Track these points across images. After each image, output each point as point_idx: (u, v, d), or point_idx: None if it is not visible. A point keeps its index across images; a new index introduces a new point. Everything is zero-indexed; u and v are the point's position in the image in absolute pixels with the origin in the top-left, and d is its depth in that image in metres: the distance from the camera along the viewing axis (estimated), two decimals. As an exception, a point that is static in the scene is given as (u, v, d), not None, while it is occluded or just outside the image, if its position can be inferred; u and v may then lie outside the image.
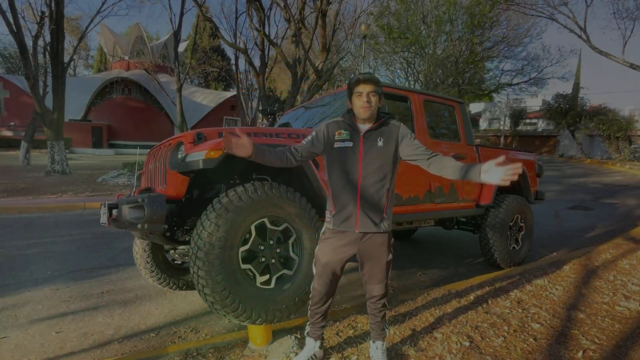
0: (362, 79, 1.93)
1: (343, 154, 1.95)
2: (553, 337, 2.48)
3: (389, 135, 1.96)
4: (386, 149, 1.95)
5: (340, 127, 2.00)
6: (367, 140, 1.94)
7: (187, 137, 2.36)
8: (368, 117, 1.94)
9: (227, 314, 2.07)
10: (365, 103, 1.90)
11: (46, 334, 2.74)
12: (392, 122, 2.00)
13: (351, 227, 1.94)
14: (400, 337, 2.46)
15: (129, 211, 2.25)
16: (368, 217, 1.93)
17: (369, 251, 1.99)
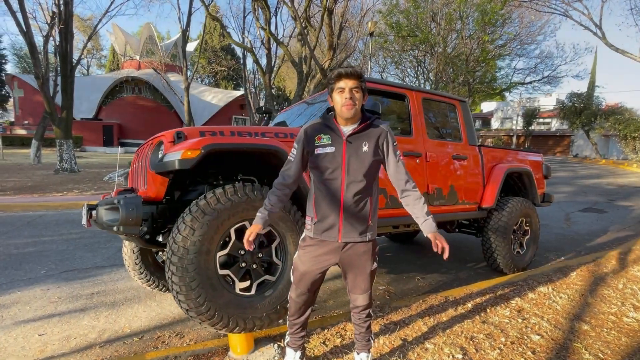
0: (344, 73, 1.75)
1: (325, 160, 1.78)
2: (553, 351, 2.33)
3: (377, 139, 1.80)
4: (371, 155, 1.78)
5: (319, 130, 1.82)
6: (351, 145, 1.78)
7: (166, 136, 2.27)
8: (351, 117, 1.78)
9: (202, 321, 1.97)
10: (348, 100, 1.73)
11: (29, 336, 2.68)
12: (378, 124, 1.84)
13: (333, 237, 1.81)
14: (389, 347, 2.33)
15: (105, 213, 2.17)
16: (352, 227, 1.80)
17: (352, 260, 1.86)
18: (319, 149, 1.80)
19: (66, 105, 12.50)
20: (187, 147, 2.02)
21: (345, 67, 1.80)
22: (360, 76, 1.78)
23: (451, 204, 3.60)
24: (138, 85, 32.16)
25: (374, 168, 1.82)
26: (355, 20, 18.08)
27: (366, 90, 1.83)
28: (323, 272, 1.89)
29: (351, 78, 1.75)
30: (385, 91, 3.31)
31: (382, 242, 5.54)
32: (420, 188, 3.26)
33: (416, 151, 3.29)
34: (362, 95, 1.80)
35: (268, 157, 2.35)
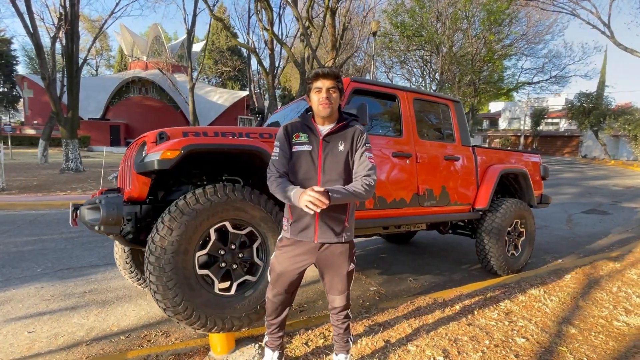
0: (321, 74, 1.78)
1: (301, 159, 1.80)
2: (537, 355, 2.30)
3: (352, 138, 1.81)
4: (346, 153, 1.80)
5: (298, 129, 1.85)
6: (328, 144, 1.80)
7: (149, 137, 2.29)
8: (328, 115, 1.80)
9: (179, 320, 1.98)
10: (324, 99, 1.76)
11: (19, 333, 2.72)
12: (355, 126, 1.85)
13: (309, 237, 1.81)
14: (371, 349, 2.32)
15: (87, 212, 2.20)
16: (328, 227, 1.80)
17: (328, 261, 1.86)
18: (296, 147, 1.83)
19: (72, 106, 12.66)
20: (166, 148, 2.03)
21: (323, 68, 1.83)
22: (337, 77, 1.81)
23: (443, 205, 3.57)
24: (145, 85, 32.48)
25: (350, 168, 1.82)
26: (359, 20, 18.01)
27: (343, 91, 1.84)
28: (300, 273, 1.89)
29: (328, 78, 1.78)
30: (375, 92, 3.30)
31: (378, 243, 5.52)
32: (409, 189, 3.26)
33: (406, 152, 3.27)
34: (339, 95, 1.82)
35: (251, 158, 2.35)
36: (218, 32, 39.73)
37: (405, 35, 19.94)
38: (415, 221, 3.44)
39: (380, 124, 3.37)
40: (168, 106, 32.77)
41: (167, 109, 32.74)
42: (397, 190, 3.21)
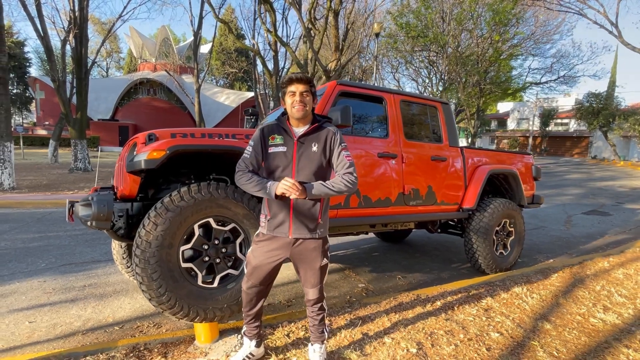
0: (295, 78, 1.90)
1: (277, 159, 1.92)
2: (508, 348, 2.39)
3: (325, 140, 1.92)
4: (320, 154, 1.91)
5: (274, 131, 1.96)
6: (302, 145, 1.91)
7: (140, 138, 2.43)
8: (302, 117, 1.91)
9: (163, 310, 2.12)
10: (298, 103, 1.88)
11: (20, 323, 2.89)
12: (327, 127, 1.96)
13: (284, 233, 1.94)
14: (349, 341, 2.43)
15: (80, 209, 2.35)
16: (301, 224, 1.92)
17: (302, 256, 1.98)
18: (272, 148, 1.94)
19: (80, 107, 12.97)
20: (153, 148, 2.17)
21: (296, 73, 1.96)
22: (310, 81, 1.93)
23: (429, 205, 3.66)
24: (153, 86, 32.96)
25: (323, 168, 1.94)
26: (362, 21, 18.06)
27: (315, 95, 1.96)
28: (274, 267, 2.00)
29: (301, 83, 1.90)
30: (362, 94, 3.40)
31: (372, 242, 5.61)
32: (393, 188, 3.36)
33: (391, 152, 3.37)
34: (312, 98, 1.94)
35: (235, 158, 2.47)
36: (225, 34, 40.11)
37: (410, 36, 19.94)
38: (401, 220, 3.53)
39: (367, 125, 3.48)
40: (175, 107, 33.21)
41: (175, 109, 33.18)
42: (382, 190, 3.31)
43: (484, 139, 47.66)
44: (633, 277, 3.81)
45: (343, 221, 3.12)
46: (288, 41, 17.32)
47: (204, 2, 17.14)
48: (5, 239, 5.28)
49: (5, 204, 7.57)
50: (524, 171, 4.65)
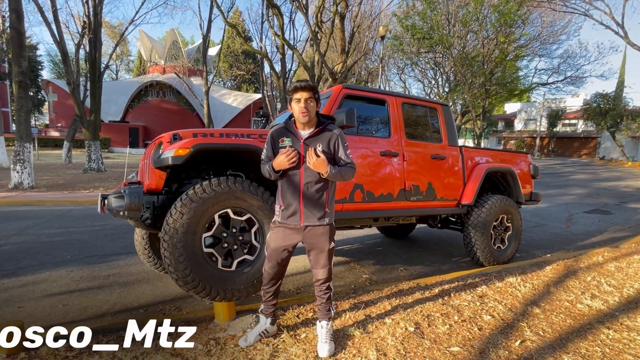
0: (299, 87, 2.16)
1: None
2: (498, 329, 2.62)
3: (329, 141, 2.19)
4: (324, 154, 2.15)
5: (282, 134, 2.24)
6: (308, 146, 2.17)
7: (165, 137, 2.72)
8: (307, 122, 2.18)
9: (188, 290, 2.39)
10: (303, 109, 2.14)
11: (54, 306, 3.19)
12: (331, 129, 2.22)
13: (296, 222, 2.22)
14: (353, 321, 2.68)
15: (113, 200, 2.64)
16: (310, 213, 2.20)
17: (312, 240, 2.24)
18: (281, 150, 2.22)
19: (94, 109, 13.39)
20: (179, 146, 2.45)
21: (301, 81, 2.22)
22: (313, 88, 2.19)
23: (429, 200, 3.90)
24: (162, 89, 33.53)
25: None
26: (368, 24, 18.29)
27: (319, 100, 2.21)
28: (290, 248, 2.27)
29: (305, 90, 2.16)
30: (367, 97, 3.66)
31: (377, 237, 5.86)
32: (395, 184, 3.61)
33: (393, 151, 3.62)
34: (316, 103, 2.20)
35: (250, 155, 2.74)
36: (233, 37, 40.60)
37: (416, 38, 20.15)
38: (403, 214, 3.78)
39: (370, 125, 3.73)
40: (184, 109, 33.74)
41: (184, 111, 33.71)
42: (385, 186, 3.56)
43: (491, 139, 47.57)
44: (624, 269, 4.01)
45: (348, 214, 3.37)
46: (295, 44, 17.65)
47: (213, 6, 17.53)
48: (31, 233, 5.61)
49: (26, 202, 7.94)
50: (522, 170, 4.87)
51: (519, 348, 2.37)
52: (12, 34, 8.82)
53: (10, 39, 8.92)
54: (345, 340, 2.43)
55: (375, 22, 18.03)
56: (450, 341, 2.44)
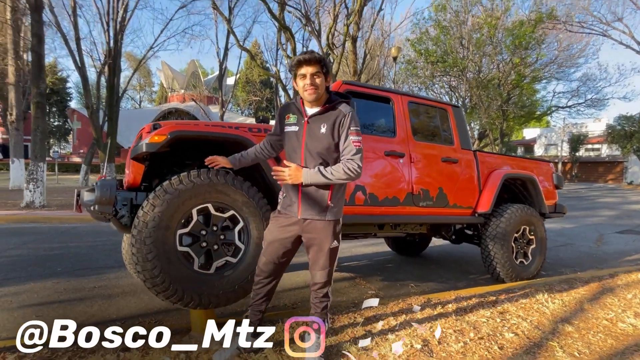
0: (304, 60, 1.82)
1: (290, 139, 1.94)
2: (523, 348, 2.20)
3: (334, 121, 1.86)
4: (329, 136, 1.85)
5: (290, 110, 1.97)
6: (310, 125, 1.88)
7: (145, 128, 2.52)
8: (314, 100, 1.86)
9: (157, 293, 2.09)
10: (309, 86, 1.82)
11: (27, 316, 2.91)
12: (341, 107, 1.88)
13: (294, 213, 1.93)
14: (350, 337, 2.31)
15: (86, 195, 2.42)
16: (310, 205, 1.89)
17: (312, 235, 1.93)
18: (286, 128, 1.96)
19: (110, 132, 13.67)
20: (155, 133, 2.23)
21: (305, 53, 1.89)
22: (320, 60, 1.85)
23: (440, 207, 3.54)
24: (181, 116, 34.48)
25: (332, 150, 1.88)
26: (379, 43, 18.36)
27: (329, 73, 1.92)
28: (288, 243, 1.96)
29: (311, 64, 1.82)
30: (369, 94, 3.42)
31: (387, 255, 5.44)
32: (401, 187, 3.28)
33: (399, 151, 3.32)
34: (325, 78, 1.88)
35: (237, 148, 2.49)
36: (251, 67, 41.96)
37: (430, 62, 20.16)
38: (411, 221, 3.43)
39: (373, 124, 3.46)
40: (202, 135, 34.44)
41: (201, 138, 34.38)
42: (390, 188, 3.24)
43: (511, 165, 46.33)
44: (671, 288, 3.48)
45: (347, 218, 3.03)
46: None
47: (229, 35, 18.11)
48: (29, 247, 5.47)
49: (33, 219, 7.91)
50: (543, 178, 4.46)
51: (550, 371, 1.95)
52: (32, 56, 9.14)
53: (31, 61, 9.24)
54: (338, 357, 2.06)
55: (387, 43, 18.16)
56: (465, 359, 2.03)
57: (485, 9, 19.73)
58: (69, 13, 12.92)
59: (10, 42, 13.65)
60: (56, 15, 12.72)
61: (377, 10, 14.86)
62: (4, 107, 17.08)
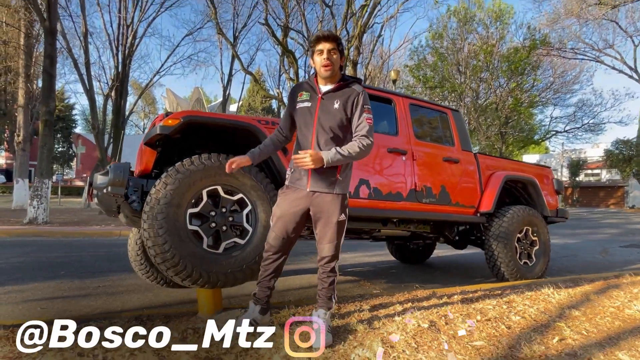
0: (322, 37, 1.94)
1: (302, 114, 2.02)
2: (530, 327, 2.20)
3: (347, 98, 1.96)
4: (342, 111, 1.95)
5: (302, 88, 2.07)
6: (324, 101, 1.97)
7: (159, 117, 2.62)
8: (329, 76, 1.96)
9: (167, 268, 2.11)
10: (325, 60, 1.92)
11: (32, 309, 2.93)
12: (354, 87, 1.99)
13: (303, 186, 1.98)
14: (357, 319, 2.30)
15: (99, 178, 2.48)
16: (319, 178, 1.95)
17: (320, 208, 1.98)
18: (299, 104, 2.04)
19: (115, 153, 13.86)
20: (169, 117, 2.33)
21: (324, 31, 2.03)
22: (337, 39, 1.98)
23: (443, 204, 3.59)
24: (184, 141, 34.92)
25: (344, 125, 1.98)
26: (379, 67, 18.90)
27: (344, 52, 2.04)
28: (297, 219, 2.00)
29: (328, 41, 1.94)
30: (373, 95, 3.53)
31: (391, 263, 5.42)
32: (405, 183, 3.35)
33: (401, 148, 3.41)
34: (340, 57, 1.99)
35: (247, 136, 2.59)
36: (254, 95, 42.98)
37: (428, 87, 20.69)
38: (414, 217, 3.46)
39: (377, 123, 3.56)
40: (204, 160, 34.70)
41: (203, 163, 34.63)
42: (393, 184, 3.30)
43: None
44: (677, 285, 3.46)
45: (353, 211, 3.08)
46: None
47: (234, 60, 18.73)
48: (32, 256, 5.47)
49: (36, 232, 7.92)
50: (544, 183, 4.52)
51: (558, 345, 1.95)
52: (44, 77, 9.45)
53: (42, 81, 9.54)
54: (346, 334, 2.06)
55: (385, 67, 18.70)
56: (472, 337, 2.03)
57: (481, 36, 20.46)
58: (80, 38, 13.44)
59: (22, 66, 14.15)
60: (68, 40, 13.23)
61: (377, 36, 15.43)
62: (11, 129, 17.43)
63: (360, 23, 12.53)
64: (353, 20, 12.91)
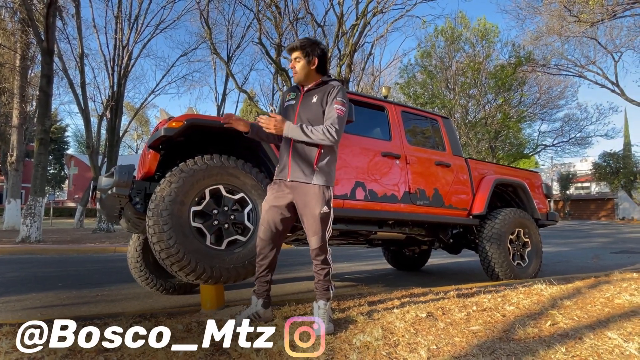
0: (288, 48, 2.23)
1: (287, 111, 2.24)
2: (524, 315, 2.28)
3: (324, 93, 2.16)
4: (318, 105, 2.14)
5: (291, 90, 2.32)
6: (305, 97, 2.19)
7: (162, 122, 2.72)
8: (298, 81, 2.20)
9: (172, 263, 2.17)
10: (292, 68, 2.19)
11: (32, 315, 2.93)
12: (332, 83, 2.20)
13: (284, 176, 2.12)
14: (356, 312, 2.36)
15: (104, 180, 2.56)
16: (298, 167, 2.09)
17: (302, 200, 2.09)
18: (286, 103, 2.27)
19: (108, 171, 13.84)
20: (173, 120, 2.44)
21: (290, 44, 2.25)
22: (301, 47, 2.15)
23: (437, 206, 3.70)
24: (178, 161, 34.96)
25: (321, 118, 2.14)
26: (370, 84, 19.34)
27: (313, 55, 2.17)
28: (284, 212, 2.10)
29: (292, 51, 2.19)
30: (365, 102, 3.70)
31: (387, 270, 5.47)
32: (399, 185, 3.47)
33: (395, 152, 3.54)
34: (307, 62, 2.15)
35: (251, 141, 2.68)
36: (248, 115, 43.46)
37: (418, 103, 21.15)
38: (409, 218, 3.56)
39: (370, 128, 3.71)
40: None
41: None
42: (388, 186, 3.41)
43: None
44: (665, 281, 3.57)
45: (349, 212, 3.18)
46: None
47: (228, 80, 19.04)
48: (27, 270, 5.43)
49: (29, 250, 7.84)
50: (534, 187, 4.67)
51: (551, 328, 2.03)
52: (40, 95, 9.55)
53: (38, 100, 9.62)
54: (347, 324, 2.12)
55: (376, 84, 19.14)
56: (468, 323, 2.10)
57: (468, 54, 21.13)
58: (76, 60, 13.60)
59: (17, 87, 14.25)
60: (64, 61, 13.38)
61: (367, 54, 15.89)
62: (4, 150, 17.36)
63: (352, 42, 12.92)
64: (344, 39, 13.31)
